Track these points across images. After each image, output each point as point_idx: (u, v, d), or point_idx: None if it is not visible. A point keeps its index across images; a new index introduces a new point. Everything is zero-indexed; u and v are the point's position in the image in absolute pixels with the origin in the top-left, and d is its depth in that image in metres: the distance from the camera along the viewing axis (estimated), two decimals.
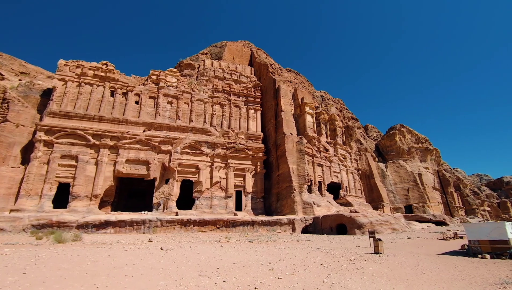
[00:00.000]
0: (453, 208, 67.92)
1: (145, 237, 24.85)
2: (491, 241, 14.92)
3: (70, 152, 35.11)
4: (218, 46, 69.05)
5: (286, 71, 62.31)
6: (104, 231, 28.25)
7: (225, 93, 49.12)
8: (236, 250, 17.46)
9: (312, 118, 51.74)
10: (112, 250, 16.07)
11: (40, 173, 33.21)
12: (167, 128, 41.96)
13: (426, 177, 64.24)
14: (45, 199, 32.27)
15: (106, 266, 11.46)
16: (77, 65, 40.10)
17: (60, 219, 27.41)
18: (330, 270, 11.27)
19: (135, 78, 46.14)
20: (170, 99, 44.19)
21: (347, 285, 8.97)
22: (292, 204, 38.48)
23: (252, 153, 45.24)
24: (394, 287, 8.88)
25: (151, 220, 30.09)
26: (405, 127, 72.83)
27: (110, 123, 38.89)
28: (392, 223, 34.47)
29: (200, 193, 40.14)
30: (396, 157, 67.86)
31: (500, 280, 9.57)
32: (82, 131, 36.31)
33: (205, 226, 32.20)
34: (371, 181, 58.83)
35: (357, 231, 29.95)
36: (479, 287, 8.81)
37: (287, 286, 8.78)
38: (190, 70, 53.67)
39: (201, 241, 22.75)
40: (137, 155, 38.22)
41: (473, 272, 11.01)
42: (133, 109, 41.40)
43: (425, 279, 9.91)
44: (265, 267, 11.80)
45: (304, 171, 41.36)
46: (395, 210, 58.07)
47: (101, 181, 35.45)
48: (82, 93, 38.88)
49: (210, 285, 8.84)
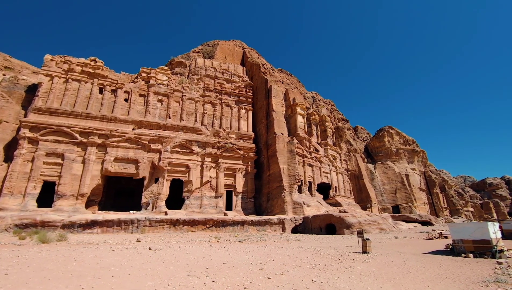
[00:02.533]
0: (438, 209, 69.73)
1: (133, 237, 24.45)
2: (474, 240, 15.36)
3: (56, 149, 34.21)
4: (210, 45, 68.67)
5: (278, 72, 62.49)
6: (91, 231, 27.63)
7: (217, 92, 48.88)
8: (226, 250, 17.40)
9: (303, 119, 52.09)
10: (99, 250, 15.73)
11: (24, 171, 32.22)
12: (157, 126, 41.41)
13: (413, 178, 65.73)
14: (29, 198, 31.33)
15: (92, 266, 11.21)
16: (64, 61, 39.08)
17: (44, 219, 26.66)
18: (319, 270, 11.36)
19: (125, 75, 45.35)
20: (161, 97, 43.63)
21: (336, 284, 9.06)
22: (283, 204, 38.64)
23: (243, 153, 45.18)
24: (381, 286, 9.03)
25: (139, 220, 29.63)
26: (393, 129, 74.28)
27: (98, 120, 38.08)
28: (380, 223, 35.10)
29: (190, 193, 39.80)
30: (384, 158, 69.16)
31: (482, 278, 9.88)
32: (68, 128, 35.43)
33: (195, 226, 31.97)
34: (360, 182, 59.73)
35: (346, 231, 30.34)
36: (462, 286, 9.06)
37: (276, 286, 8.80)
38: (182, 68, 53.17)
39: (191, 241, 22.56)
40: (126, 154, 37.57)
41: (457, 271, 11.32)
42: (122, 107, 40.66)
43: (411, 278, 10.12)
44: (254, 266, 11.79)
45: (295, 171, 41.59)
46: (383, 210, 59.15)
47: (88, 180, 34.68)
48: (69, 89, 37.92)
49: (199, 285, 8.77)
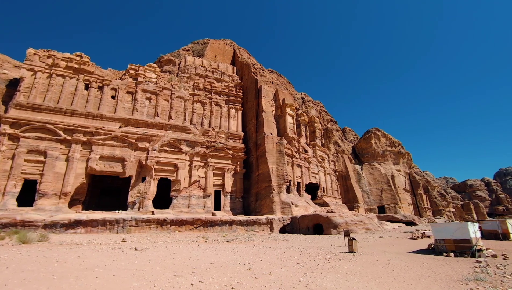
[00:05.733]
0: (422, 209, 71.77)
1: (119, 237, 23.92)
2: (455, 240, 15.89)
3: (38, 147, 33.07)
4: (200, 43, 68.08)
5: (268, 72, 62.67)
6: (74, 231, 26.86)
7: (207, 91, 48.52)
8: (214, 250, 17.29)
9: (293, 120, 52.45)
10: (82, 251, 15.31)
11: (3, 168, 30.99)
12: (145, 124, 40.70)
13: (398, 179, 67.39)
14: (8, 196, 30.14)
15: (75, 267, 10.89)
16: (48, 55, 37.81)
17: (25, 218, 25.71)
18: (306, 269, 11.47)
19: (112, 71, 44.30)
20: (149, 95, 42.89)
21: (322, 284, 9.17)
22: (271, 204, 38.77)
23: (232, 153, 45.04)
24: (367, 284, 9.21)
25: (125, 220, 29.03)
26: (380, 131, 75.89)
27: (83, 117, 37.05)
28: (366, 223, 35.77)
29: (178, 192, 39.34)
30: (371, 160, 70.56)
31: (462, 277, 10.24)
32: (52, 125, 34.30)
33: (183, 226, 31.62)
34: (348, 182, 60.71)
35: (333, 231, 30.76)
36: (443, 284, 9.36)
37: (263, 286, 8.82)
38: (171, 66, 52.46)
39: (178, 241, 22.30)
40: (112, 152, 36.73)
41: (438, 270, 11.69)
42: (109, 104, 39.73)
43: (395, 277, 10.37)
44: (242, 266, 11.78)
45: (284, 172, 41.81)
46: (369, 211, 60.35)
47: (72, 178, 33.70)
48: (53, 85, 36.72)
49: (186, 285, 8.67)
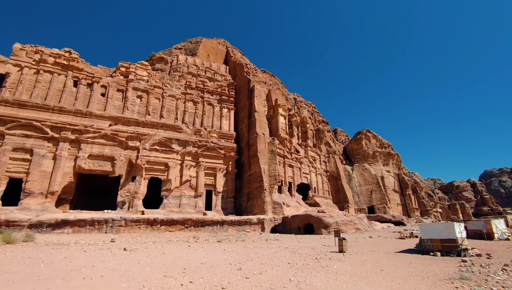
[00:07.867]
0: (410, 209, 73.17)
1: (107, 237, 23.51)
2: (441, 239, 16.25)
3: (24, 144, 32.19)
4: (193, 42, 67.61)
5: (261, 72, 62.73)
6: (61, 231, 26.25)
7: (199, 90, 48.21)
8: (204, 250, 17.19)
9: (285, 120, 52.65)
10: (69, 251, 14.97)
11: None
12: (136, 123, 40.13)
13: (388, 180, 68.52)
14: None
15: (61, 268, 10.64)
16: (36, 51, 36.86)
17: (9, 218, 24.99)
18: (296, 269, 11.52)
19: (102, 68, 43.53)
20: (140, 93, 42.31)
21: (312, 283, 9.23)
22: (263, 204, 38.82)
23: (224, 152, 44.89)
24: (356, 284, 9.33)
25: (114, 219, 28.56)
26: (370, 132, 76.99)
27: (72, 115, 36.25)
28: (356, 223, 36.22)
29: (168, 192, 38.94)
30: (362, 160, 71.52)
31: (448, 276, 10.48)
32: (39, 122, 33.46)
33: (173, 226, 31.32)
34: (338, 183, 61.36)
35: (324, 231, 31.03)
36: (430, 282, 9.57)
37: (254, 286, 8.82)
38: (163, 64, 51.90)
39: (168, 241, 22.07)
40: (101, 151, 36.06)
41: (425, 269, 11.93)
42: (99, 102, 39.00)
43: (383, 276, 10.53)
44: (233, 266, 11.75)
45: (275, 172, 41.93)
46: (359, 211, 61.16)
47: (59, 177, 32.94)
48: (40, 81, 35.80)
49: (176, 286, 8.59)
